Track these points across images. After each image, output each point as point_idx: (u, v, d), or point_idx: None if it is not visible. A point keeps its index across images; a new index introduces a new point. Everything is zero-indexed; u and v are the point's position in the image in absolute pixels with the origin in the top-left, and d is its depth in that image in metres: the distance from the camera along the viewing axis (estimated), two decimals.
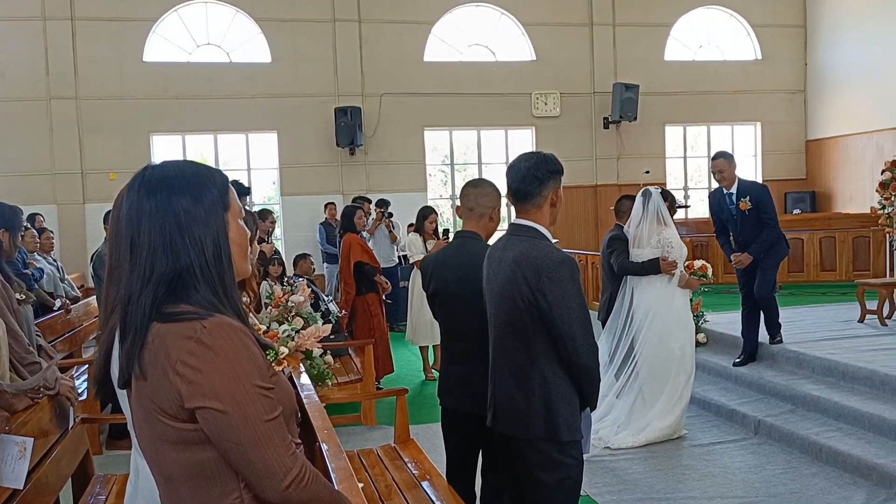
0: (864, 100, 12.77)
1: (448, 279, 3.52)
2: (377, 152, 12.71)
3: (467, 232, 3.55)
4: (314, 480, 1.65)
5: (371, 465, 4.51)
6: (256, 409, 1.57)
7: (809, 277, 10.97)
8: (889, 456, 4.79)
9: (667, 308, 5.78)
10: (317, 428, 3.08)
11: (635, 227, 5.88)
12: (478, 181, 3.64)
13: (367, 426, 6.42)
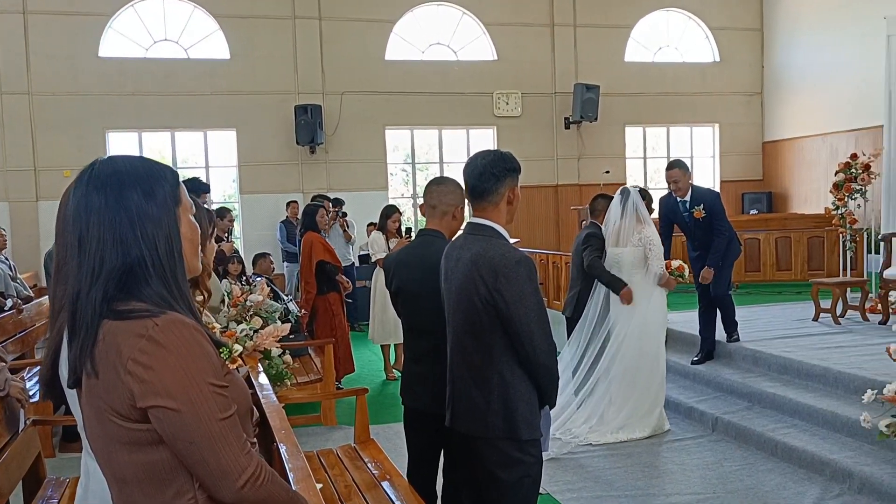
0: (819, 102, 13.02)
1: (410, 278, 3.47)
2: (338, 151, 12.63)
3: (430, 230, 3.51)
4: (270, 480, 1.62)
5: (330, 465, 4.46)
6: (210, 408, 1.54)
7: (766, 277, 11.14)
8: (842, 451, 4.88)
9: (645, 307, 5.85)
10: (274, 428, 3.04)
11: (613, 225, 5.93)
12: (441, 179, 3.62)
13: (327, 426, 6.37)
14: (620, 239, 5.88)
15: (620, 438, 5.74)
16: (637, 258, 5.83)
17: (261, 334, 5.16)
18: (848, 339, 6.81)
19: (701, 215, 6.48)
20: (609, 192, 10.02)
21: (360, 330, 10.58)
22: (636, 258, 5.83)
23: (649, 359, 5.85)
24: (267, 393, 3.64)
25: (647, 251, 5.78)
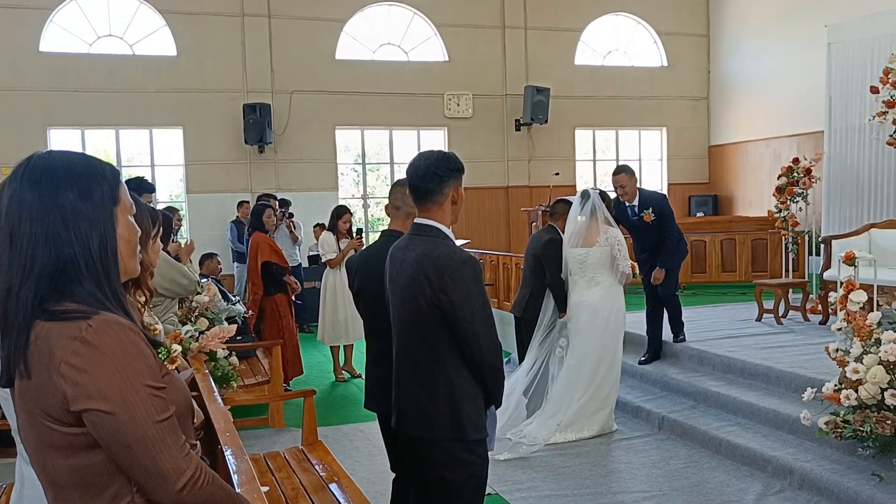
0: (763, 108, 13.31)
1: (373, 278, 3.35)
2: (287, 150, 12.49)
3: (394, 231, 3.46)
4: (210, 482, 1.59)
5: (277, 467, 4.41)
6: (147, 410, 1.51)
7: (711, 278, 11.35)
8: (784, 448, 4.98)
9: (610, 308, 5.92)
10: (219, 431, 2.99)
11: (572, 226, 5.99)
12: (405, 180, 3.55)
13: (275, 429, 6.29)
14: (585, 240, 5.93)
15: (569, 438, 5.78)
16: (603, 258, 5.89)
17: (206, 336, 5.08)
18: (789, 339, 6.97)
19: (650, 218, 6.59)
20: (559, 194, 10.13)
21: (309, 331, 10.49)
22: (602, 258, 5.89)
23: (607, 358, 5.93)
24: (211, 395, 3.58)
25: (616, 251, 5.85)
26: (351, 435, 6.22)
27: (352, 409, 7.02)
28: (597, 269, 5.92)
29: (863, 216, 8.28)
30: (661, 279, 6.66)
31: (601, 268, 5.91)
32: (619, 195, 6.72)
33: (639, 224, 6.66)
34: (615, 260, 5.88)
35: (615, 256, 5.86)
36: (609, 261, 5.90)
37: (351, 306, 7.92)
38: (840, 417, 4.57)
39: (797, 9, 12.23)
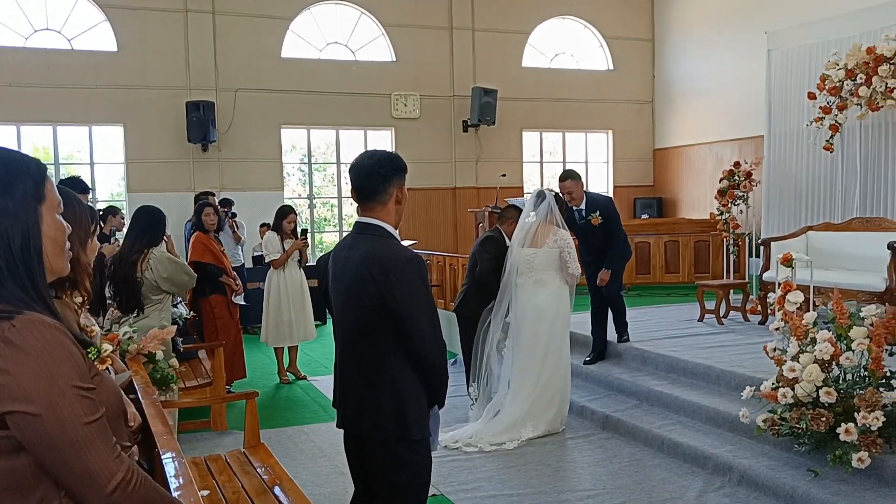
0: (706, 112, 13.57)
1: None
2: (231, 149, 12.30)
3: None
4: (143, 485, 1.55)
5: (219, 471, 4.32)
6: (74, 411, 1.47)
7: (655, 279, 11.52)
8: (724, 446, 5.07)
9: (556, 309, 5.96)
10: (156, 433, 2.91)
11: (524, 226, 6.00)
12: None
13: (216, 431, 6.18)
14: (534, 240, 5.95)
15: (513, 437, 5.79)
16: (551, 259, 5.93)
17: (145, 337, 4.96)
18: (730, 339, 7.11)
19: (598, 222, 6.67)
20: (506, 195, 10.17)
21: (253, 332, 10.34)
22: (550, 259, 5.93)
23: (552, 359, 5.95)
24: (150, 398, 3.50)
25: (566, 253, 5.90)
26: (295, 437, 6.14)
27: (296, 412, 6.94)
28: (544, 270, 5.95)
29: (800, 219, 8.49)
30: (607, 280, 6.74)
31: (549, 269, 5.95)
32: (566, 200, 6.77)
33: (586, 227, 6.73)
34: (564, 262, 5.92)
35: (565, 259, 5.90)
36: (557, 262, 5.94)
37: (295, 307, 7.86)
38: (777, 415, 4.68)
39: (739, 16, 12.50)
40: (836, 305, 4.76)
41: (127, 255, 5.31)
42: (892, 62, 7.00)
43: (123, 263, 5.29)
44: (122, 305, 5.28)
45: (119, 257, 5.38)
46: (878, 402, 4.31)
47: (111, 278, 5.35)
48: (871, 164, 7.85)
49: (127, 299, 5.27)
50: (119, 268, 5.30)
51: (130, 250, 5.32)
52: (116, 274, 5.31)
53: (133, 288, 5.25)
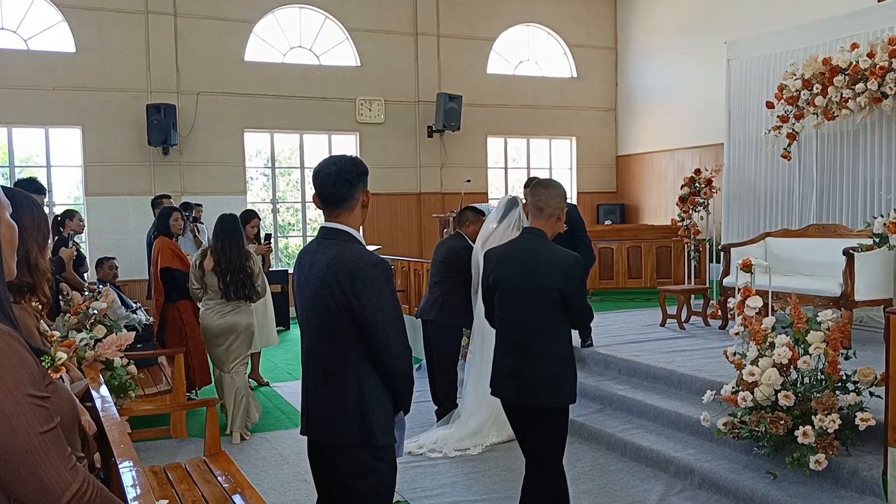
0: (667, 120, 13.74)
1: (513, 272, 3.61)
2: (193, 153, 12.15)
3: (535, 229, 3.68)
4: (98, 496, 1.52)
5: (178, 479, 4.26)
6: (28, 421, 1.43)
7: (618, 284, 11.62)
8: (685, 450, 5.12)
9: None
10: (113, 442, 2.86)
11: (492, 228, 6.02)
12: (549, 182, 3.82)
13: (177, 439, 6.08)
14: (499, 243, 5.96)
15: (478, 442, 5.79)
16: None
17: (102, 344, 4.88)
18: (691, 343, 7.18)
19: (564, 229, 6.67)
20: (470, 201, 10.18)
21: None
22: None
23: None
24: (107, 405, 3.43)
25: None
26: (256, 444, 6.08)
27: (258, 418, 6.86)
28: None
29: (759, 225, 8.62)
30: None
31: None
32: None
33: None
34: None
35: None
36: None
37: (257, 313, 7.74)
38: (737, 418, 4.73)
39: (699, 26, 12.69)
40: (794, 310, 4.84)
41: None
42: (847, 73, 7.15)
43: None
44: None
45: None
46: (834, 405, 4.39)
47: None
48: (826, 172, 8.00)
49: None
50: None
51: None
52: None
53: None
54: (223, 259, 6.10)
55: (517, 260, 3.64)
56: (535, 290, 3.56)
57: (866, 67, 6.96)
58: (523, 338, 3.61)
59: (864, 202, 7.58)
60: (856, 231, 7.16)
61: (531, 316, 3.57)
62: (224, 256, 6.10)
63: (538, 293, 3.55)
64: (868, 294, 6.54)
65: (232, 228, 6.22)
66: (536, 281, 3.55)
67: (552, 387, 3.58)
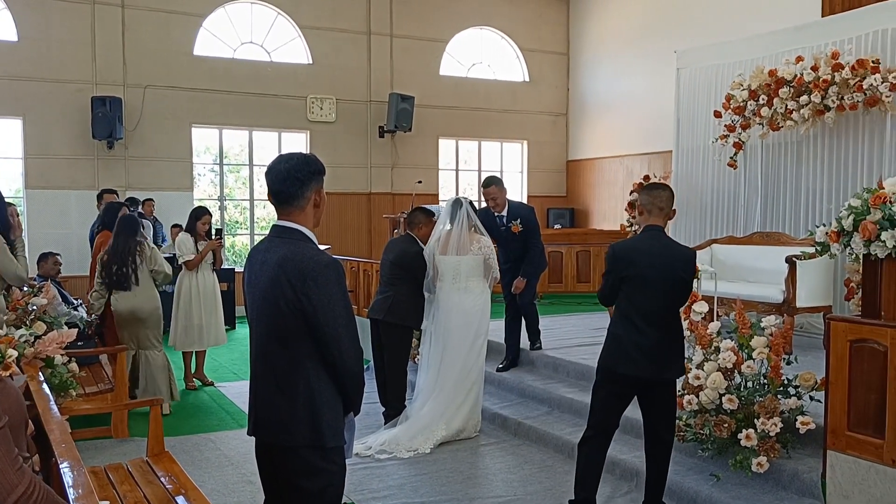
0: (617, 126, 13.92)
1: (652, 265, 4.12)
2: (139, 147, 11.90)
3: (657, 226, 4.23)
4: (44, 498, 1.47)
5: (120, 480, 4.15)
6: None
7: (567, 288, 11.73)
8: (631, 452, 5.18)
9: (480, 314, 6.11)
10: (54, 442, 2.78)
11: (444, 234, 6.10)
12: (664, 185, 4.47)
13: (118, 439, 5.93)
14: (458, 248, 6.05)
15: (428, 437, 5.83)
16: (475, 266, 6.07)
17: (43, 340, 4.73)
18: None
19: (518, 230, 6.76)
20: (421, 202, 10.17)
21: None
22: (475, 266, 6.07)
23: (473, 364, 6.09)
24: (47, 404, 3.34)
25: (491, 259, 6.09)
26: (201, 445, 5.97)
27: (202, 419, 6.75)
28: (469, 277, 6.08)
29: (706, 232, 8.77)
30: (522, 288, 6.81)
31: (473, 275, 6.08)
32: (489, 206, 6.84)
33: (506, 234, 6.80)
34: (490, 267, 6.11)
35: (490, 264, 6.09)
36: (481, 268, 6.10)
37: (207, 311, 7.64)
38: (683, 421, 4.81)
39: (650, 34, 12.88)
40: (739, 316, 4.94)
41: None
42: (792, 85, 7.32)
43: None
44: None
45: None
46: (776, 409, 4.49)
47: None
48: (771, 181, 8.18)
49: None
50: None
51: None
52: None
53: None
54: (116, 254, 6.73)
55: (648, 253, 4.15)
56: (664, 281, 4.13)
57: (810, 80, 7.14)
58: (654, 322, 4.15)
59: (807, 211, 7.77)
60: (798, 239, 7.33)
61: (666, 301, 4.15)
62: (114, 252, 6.74)
63: (666, 284, 4.13)
64: (809, 301, 6.71)
65: (126, 228, 6.80)
66: (672, 271, 4.14)
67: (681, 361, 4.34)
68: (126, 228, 6.82)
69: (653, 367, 4.14)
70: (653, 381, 4.20)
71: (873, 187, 4.25)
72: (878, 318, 4.06)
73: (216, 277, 7.87)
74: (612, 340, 4.26)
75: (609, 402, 4.31)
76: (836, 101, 7.02)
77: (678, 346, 4.25)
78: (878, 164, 7.11)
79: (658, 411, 4.32)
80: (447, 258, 6.06)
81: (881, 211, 4.04)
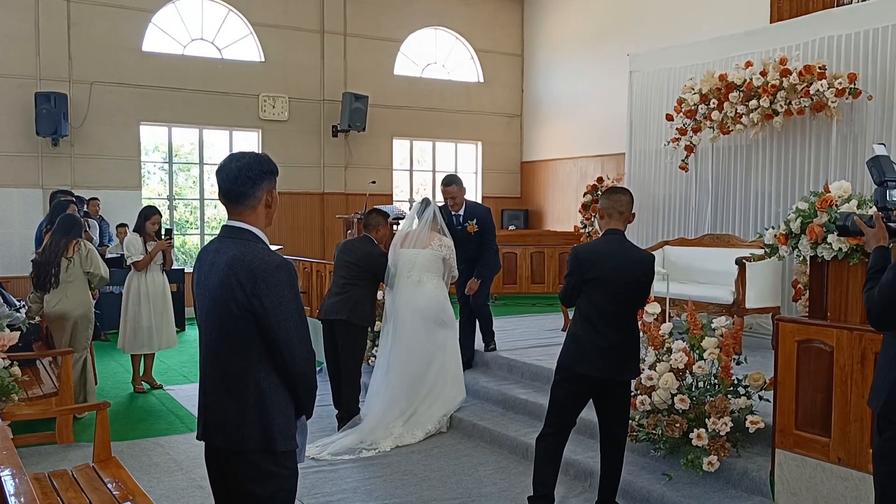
0: (571, 128, 14.01)
1: (614, 268, 4.18)
2: (85, 145, 11.60)
3: (618, 230, 4.30)
4: None
5: (64, 487, 4.04)
6: None
7: (521, 289, 11.78)
8: (585, 453, 5.21)
9: (435, 309, 6.23)
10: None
11: (410, 229, 6.34)
12: (623, 189, 4.54)
13: (63, 445, 5.79)
14: (417, 242, 6.25)
15: (386, 435, 5.87)
16: (432, 262, 6.22)
17: None
18: None
19: (474, 230, 6.82)
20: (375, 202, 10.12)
21: (106, 339, 9.82)
22: (431, 261, 6.21)
23: (438, 359, 6.25)
24: None
25: (448, 259, 6.24)
26: (149, 450, 5.84)
27: (151, 423, 6.61)
28: (423, 271, 6.20)
29: (658, 233, 8.88)
30: (476, 289, 6.82)
31: (428, 270, 6.20)
32: (448, 205, 6.89)
33: (461, 234, 6.83)
34: (449, 266, 6.27)
35: (450, 264, 6.25)
36: (437, 265, 6.23)
37: (156, 313, 7.48)
38: (636, 422, 4.86)
39: (603, 37, 12.99)
40: (690, 317, 5.00)
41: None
42: (742, 90, 7.45)
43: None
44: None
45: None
46: (726, 409, 4.56)
47: None
48: (721, 183, 8.32)
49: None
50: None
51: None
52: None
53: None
54: (45, 253, 6.66)
55: (610, 257, 4.21)
56: (631, 283, 4.21)
57: (759, 85, 7.27)
58: (613, 324, 4.21)
59: (756, 214, 7.92)
60: (748, 241, 7.47)
61: (626, 304, 4.22)
62: (43, 251, 6.70)
63: (629, 287, 4.20)
64: (758, 302, 6.83)
65: (60, 228, 6.71)
66: (632, 275, 4.21)
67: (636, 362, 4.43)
68: (60, 228, 6.71)
69: (609, 367, 4.21)
70: (609, 382, 4.26)
71: (820, 191, 4.34)
72: (825, 319, 4.15)
73: (166, 278, 7.72)
74: (572, 341, 4.31)
75: (567, 400, 4.35)
76: (784, 106, 7.16)
77: (634, 347, 4.32)
78: (824, 167, 7.27)
79: (613, 411, 4.38)
80: (405, 251, 6.24)
81: (828, 214, 4.12)
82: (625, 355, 4.25)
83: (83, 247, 6.68)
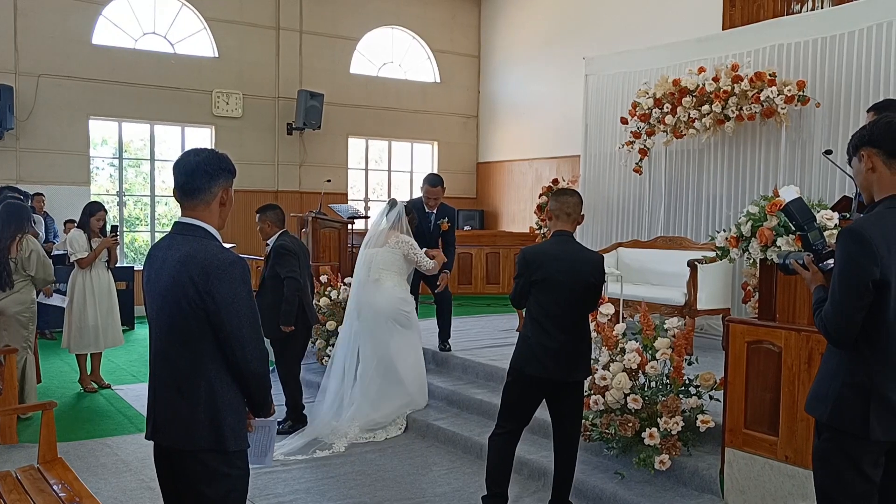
0: (527, 129, 14.08)
1: (561, 269, 4.17)
2: (32, 139, 11.30)
3: (566, 231, 4.31)
4: None
5: (7, 489, 3.92)
6: None
7: (477, 290, 11.81)
8: (539, 452, 5.24)
9: (393, 307, 6.27)
10: None
11: (375, 229, 6.44)
12: (573, 190, 4.53)
13: (5, 445, 5.63)
14: (377, 242, 6.35)
15: (345, 434, 5.89)
16: (390, 260, 6.28)
17: None
18: None
19: (447, 227, 7.02)
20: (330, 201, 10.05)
21: (51, 337, 9.60)
22: (389, 260, 6.28)
23: (384, 360, 6.24)
24: None
25: (412, 254, 6.29)
26: (96, 450, 5.71)
27: (98, 423, 6.46)
28: (381, 270, 6.26)
29: (612, 235, 8.98)
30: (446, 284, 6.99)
31: (386, 269, 6.27)
32: (429, 204, 7.06)
33: (434, 232, 7.07)
34: (415, 262, 6.33)
35: (414, 259, 6.30)
36: (396, 263, 6.27)
37: (102, 311, 7.31)
38: (589, 421, 4.89)
39: (560, 40, 13.08)
40: (643, 318, 5.06)
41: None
42: (694, 95, 7.57)
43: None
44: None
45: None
46: (678, 408, 4.62)
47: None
48: (674, 187, 8.44)
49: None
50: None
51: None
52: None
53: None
54: None
55: (557, 258, 4.21)
56: (579, 283, 4.21)
57: (712, 91, 7.40)
58: (561, 325, 4.21)
59: (708, 217, 8.05)
60: (700, 244, 7.59)
61: (575, 305, 4.22)
62: None
63: (577, 287, 4.20)
64: (709, 303, 6.95)
65: (4, 220, 6.45)
66: (580, 276, 4.20)
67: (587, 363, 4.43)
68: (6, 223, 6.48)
69: (559, 368, 4.21)
70: (561, 383, 4.28)
71: (769, 195, 4.43)
72: (774, 321, 4.23)
73: (112, 276, 7.55)
74: (522, 342, 4.32)
75: (518, 401, 4.37)
76: (736, 112, 7.30)
77: (585, 347, 4.33)
78: (773, 172, 7.43)
79: (566, 411, 4.39)
80: (367, 251, 6.35)
81: (777, 217, 4.20)
82: (575, 356, 4.25)
83: (25, 247, 6.44)
